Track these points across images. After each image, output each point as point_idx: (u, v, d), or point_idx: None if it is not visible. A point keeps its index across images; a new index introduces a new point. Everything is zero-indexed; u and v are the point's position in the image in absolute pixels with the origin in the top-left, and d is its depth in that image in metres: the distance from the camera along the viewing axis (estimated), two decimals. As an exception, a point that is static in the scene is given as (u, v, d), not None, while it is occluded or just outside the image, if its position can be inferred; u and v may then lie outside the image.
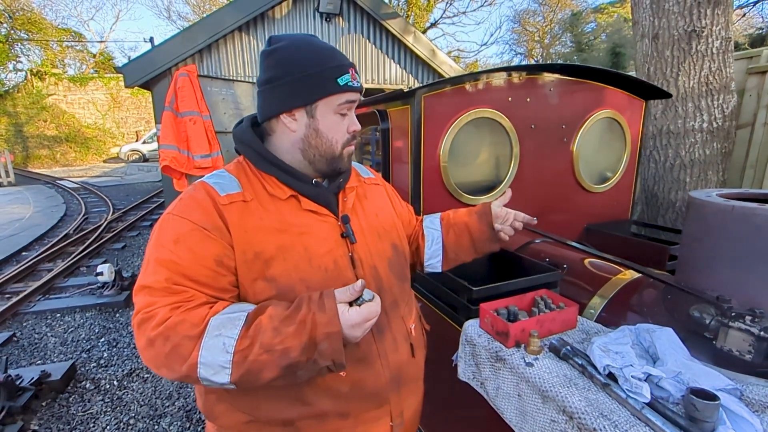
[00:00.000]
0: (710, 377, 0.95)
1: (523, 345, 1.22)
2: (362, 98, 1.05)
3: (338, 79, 0.95)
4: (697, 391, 0.87)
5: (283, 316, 0.80)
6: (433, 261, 1.35)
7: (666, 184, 3.09)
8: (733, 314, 1.07)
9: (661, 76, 2.98)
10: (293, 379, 0.82)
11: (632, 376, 0.95)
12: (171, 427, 2.76)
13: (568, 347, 1.15)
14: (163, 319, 0.79)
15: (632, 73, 3.23)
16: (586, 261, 1.84)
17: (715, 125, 2.90)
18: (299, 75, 0.94)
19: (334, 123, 0.99)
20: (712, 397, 0.85)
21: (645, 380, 0.96)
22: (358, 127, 1.02)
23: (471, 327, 1.35)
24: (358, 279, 1.03)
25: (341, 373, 0.95)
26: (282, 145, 1.02)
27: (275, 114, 0.99)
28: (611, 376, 1.01)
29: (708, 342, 1.15)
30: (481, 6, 21.63)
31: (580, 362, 1.09)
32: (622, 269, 1.68)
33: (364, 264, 1.06)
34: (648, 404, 0.91)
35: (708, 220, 1.20)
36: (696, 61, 2.84)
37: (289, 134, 1.00)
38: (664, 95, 2.24)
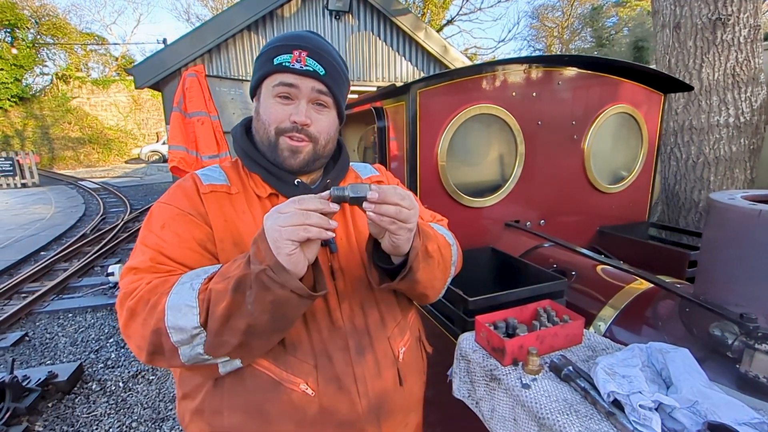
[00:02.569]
0: (732, 408, 0.83)
1: (521, 363, 1.11)
2: (319, 85, 0.93)
3: (274, 59, 0.92)
4: (716, 427, 0.76)
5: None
6: None
7: (688, 183, 2.90)
8: (759, 334, 0.94)
9: (683, 68, 2.79)
10: (246, 311, 0.72)
11: (640, 406, 0.84)
12: (172, 432, 2.74)
13: (571, 367, 1.04)
14: (144, 288, 0.80)
15: (653, 66, 3.05)
16: (598, 268, 1.71)
17: (742, 120, 2.70)
18: (257, 61, 0.98)
19: (270, 105, 0.94)
20: (734, 435, 0.73)
21: (655, 410, 0.85)
22: (302, 119, 0.91)
23: (466, 341, 1.25)
24: (336, 290, 0.95)
25: (307, 391, 0.87)
26: None
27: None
28: (617, 403, 0.89)
29: (731, 364, 1.02)
30: (498, 2, 21.33)
31: (582, 385, 0.98)
32: (637, 277, 1.55)
33: (345, 274, 0.98)
34: (658, 439, 0.80)
35: (731, 226, 1.06)
36: (721, 52, 2.65)
37: None
38: (685, 88, 2.08)
